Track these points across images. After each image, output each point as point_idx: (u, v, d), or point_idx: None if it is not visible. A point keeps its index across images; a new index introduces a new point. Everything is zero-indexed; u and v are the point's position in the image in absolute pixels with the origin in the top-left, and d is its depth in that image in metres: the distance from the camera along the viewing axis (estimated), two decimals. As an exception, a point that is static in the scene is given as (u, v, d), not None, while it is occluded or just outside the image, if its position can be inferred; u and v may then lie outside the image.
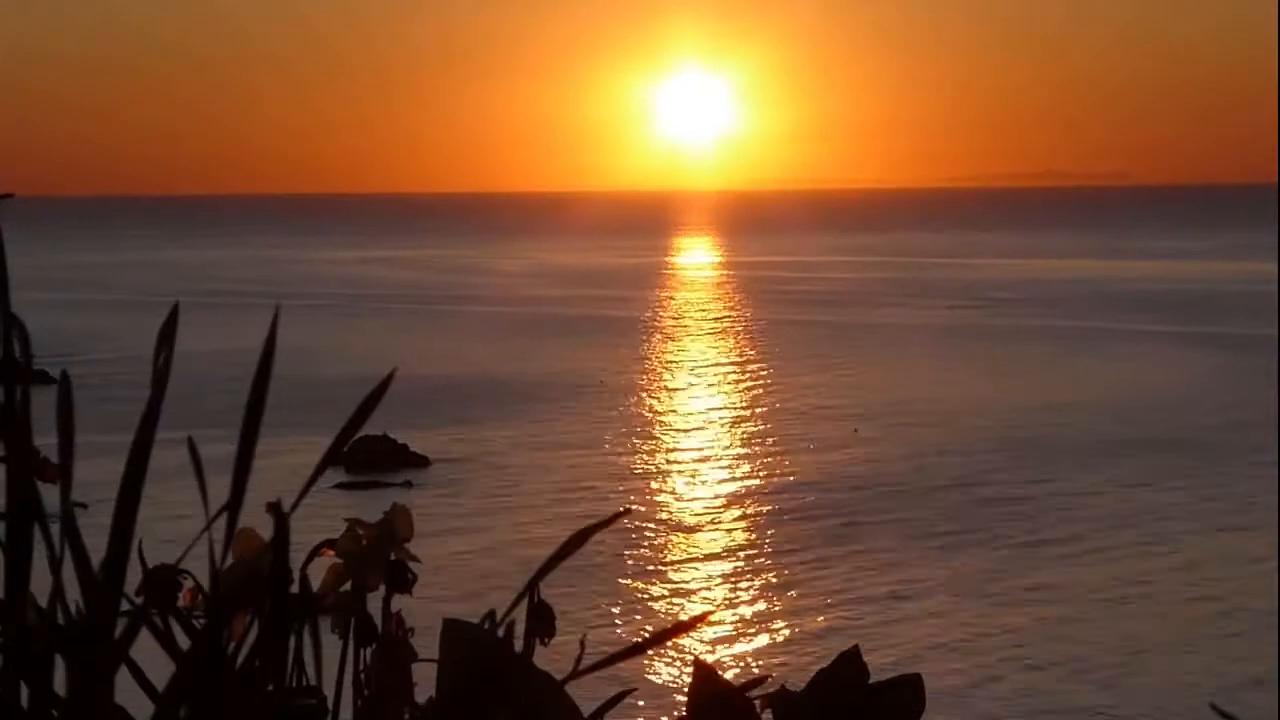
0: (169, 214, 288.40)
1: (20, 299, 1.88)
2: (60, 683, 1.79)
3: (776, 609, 23.67)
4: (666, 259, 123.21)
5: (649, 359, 54.24)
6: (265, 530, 1.92)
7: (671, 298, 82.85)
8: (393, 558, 2.21)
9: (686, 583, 25.10)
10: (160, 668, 1.87)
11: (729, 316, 72.71)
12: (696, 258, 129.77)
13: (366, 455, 32.46)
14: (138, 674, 1.87)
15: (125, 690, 1.86)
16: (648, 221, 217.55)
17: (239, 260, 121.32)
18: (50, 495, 1.83)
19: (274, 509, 1.80)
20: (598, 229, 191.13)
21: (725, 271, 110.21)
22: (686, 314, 73.34)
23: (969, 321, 67.17)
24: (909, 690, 2.30)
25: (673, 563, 26.23)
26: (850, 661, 2.30)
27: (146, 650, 1.88)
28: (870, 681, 2.30)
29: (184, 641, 1.93)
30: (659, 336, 62.24)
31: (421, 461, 33.82)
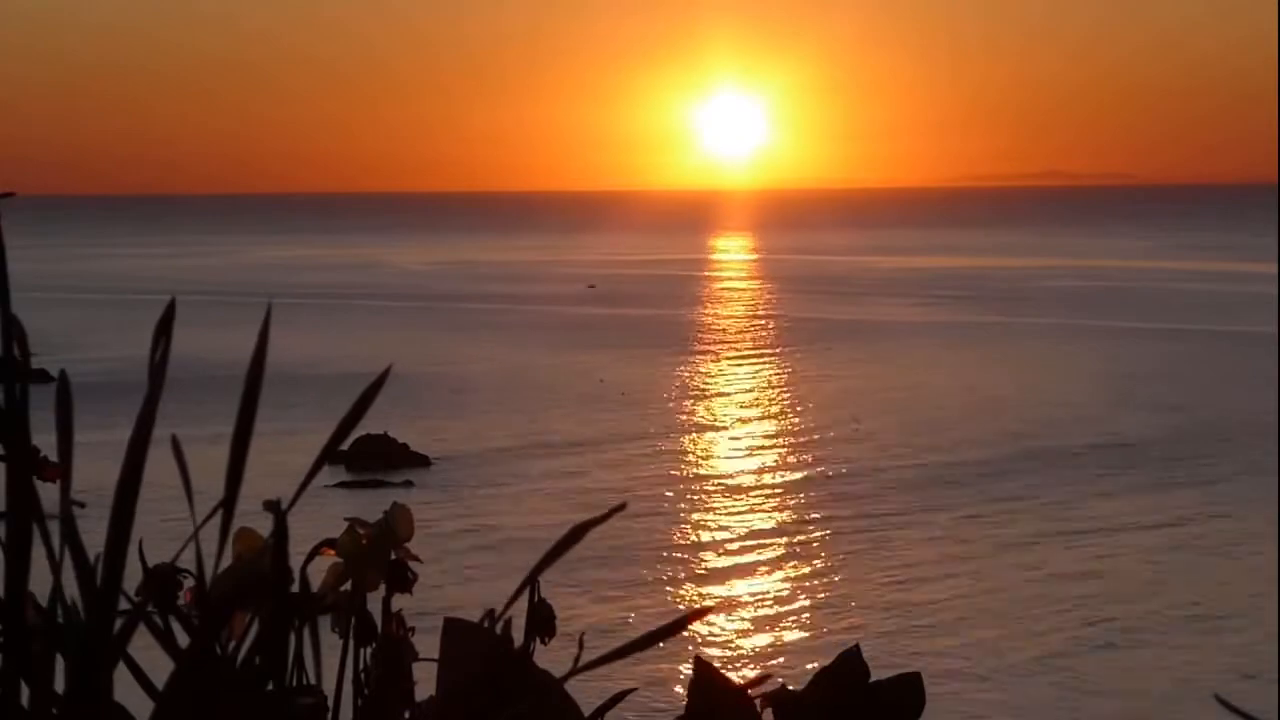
0: (237, 212, 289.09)
1: (21, 297, 1.87)
2: (60, 682, 1.79)
3: (779, 603, 23.68)
4: (668, 258, 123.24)
5: (648, 358, 54.23)
6: (263, 528, 1.92)
7: (669, 296, 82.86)
8: (393, 557, 2.21)
9: (684, 579, 25.12)
10: (160, 667, 1.87)
11: (727, 315, 72.75)
12: (699, 256, 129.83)
13: (367, 454, 32.47)
14: (137, 673, 1.87)
15: (125, 689, 1.86)
16: (659, 221, 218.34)
17: (314, 258, 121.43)
18: (49, 494, 1.82)
19: (273, 507, 1.79)
20: (626, 226, 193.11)
21: (721, 270, 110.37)
22: (685, 313, 73.38)
23: (943, 318, 67.29)
24: (909, 688, 2.30)
25: (671, 559, 26.24)
26: (850, 660, 2.30)
27: (146, 649, 1.87)
28: (870, 680, 2.30)
29: (184, 640, 1.93)
30: (658, 336, 62.24)
31: (422, 461, 33.81)
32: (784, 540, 27.81)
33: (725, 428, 39.82)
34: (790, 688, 2.33)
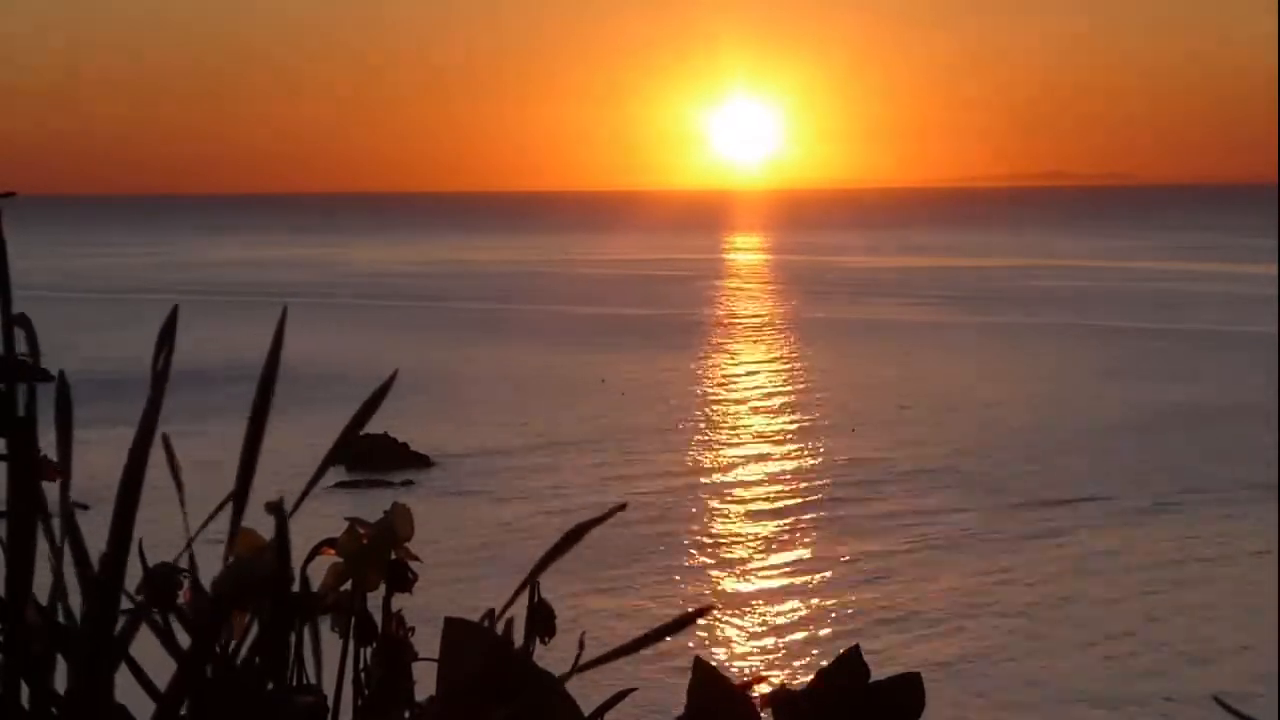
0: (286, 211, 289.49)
1: (21, 296, 1.88)
2: (61, 682, 1.79)
3: (779, 602, 23.68)
4: (674, 257, 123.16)
5: (649, 358, 54.22)
6: (265, 529, 1.92)
7: (672, 296, 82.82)
8: (393, 557, 2.21)
9: (684, 577, 25.11)
10: (161, 667, 1.87)
11: (729, 315, 72.72)
12: (705, 255, 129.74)
13: (367, 454, 32.45)
14: (138, 673, 1.87)
15: (126, 689, 1.86)
16: (669, 220, 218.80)
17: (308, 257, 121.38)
18: (49, 494, 1.83)
19: (274, 508, 1.80)
20: (635, 226, 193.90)
21: (725, 269, 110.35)
22: (687, 313, 73.32)
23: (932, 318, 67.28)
24: (909, 689, 2.30)
25: (670, 558, 26.23)
26: (850, 660, 2.30)
27: (147, 649, 1.88)
28: (870, 680, 2.30)
29: (185, 640, 1.93)
30: (656, 335, 62.22)
31: (423, 461, 33.80)
32: (783, 539, 27.81)
33: (725, 427, 39.80)
34: (790, 687, 2.33)
